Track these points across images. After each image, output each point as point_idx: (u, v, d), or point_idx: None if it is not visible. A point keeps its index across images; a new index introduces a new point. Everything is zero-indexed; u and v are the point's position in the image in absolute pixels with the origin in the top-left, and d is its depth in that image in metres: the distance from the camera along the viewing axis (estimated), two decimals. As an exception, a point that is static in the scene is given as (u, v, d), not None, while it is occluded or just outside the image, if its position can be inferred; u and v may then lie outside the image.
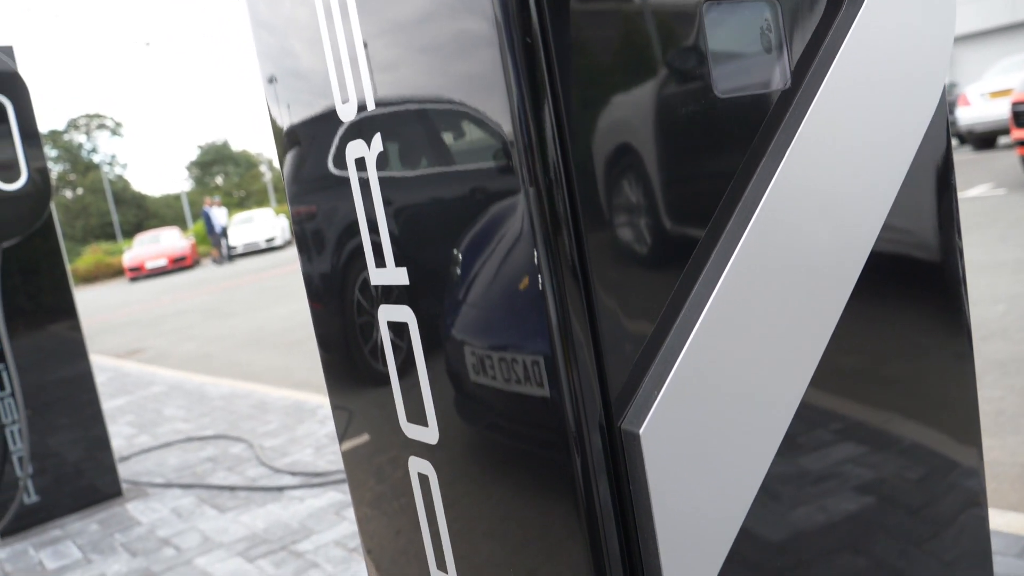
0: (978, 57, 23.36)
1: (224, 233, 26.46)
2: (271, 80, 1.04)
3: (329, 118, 0.93)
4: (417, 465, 0.94)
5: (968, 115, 14.05)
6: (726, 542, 0.69)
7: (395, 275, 0.90)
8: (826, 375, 0.81)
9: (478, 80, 0.69)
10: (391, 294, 0.92)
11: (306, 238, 1.08)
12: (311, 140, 0.99)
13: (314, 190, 1.01)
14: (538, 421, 0.72)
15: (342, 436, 1.17)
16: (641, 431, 0.63)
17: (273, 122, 1.09)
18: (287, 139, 1.05)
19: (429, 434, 0.91)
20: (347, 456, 1.15)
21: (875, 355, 0.89)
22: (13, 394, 3.66)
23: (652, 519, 0.63)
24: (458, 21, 0.69)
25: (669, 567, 0.64)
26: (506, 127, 0.66)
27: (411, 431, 0.94)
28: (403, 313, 0.90)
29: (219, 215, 26.59)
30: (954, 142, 17.42)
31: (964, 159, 13.80)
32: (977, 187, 10.03)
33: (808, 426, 0.80)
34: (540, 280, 0.67)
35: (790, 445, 0.77)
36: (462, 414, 0.85)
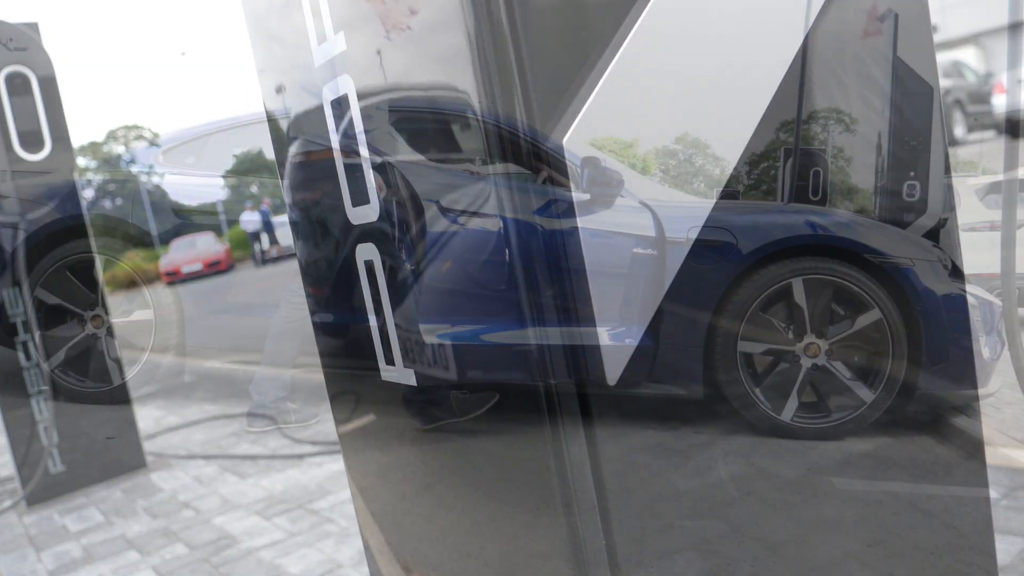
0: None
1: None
2: (278, 90, 1.07)
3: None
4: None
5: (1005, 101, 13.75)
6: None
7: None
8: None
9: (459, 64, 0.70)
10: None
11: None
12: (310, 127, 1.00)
13: (319, 178, 1.02)
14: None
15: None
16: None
17: (271, 120, 1.12)
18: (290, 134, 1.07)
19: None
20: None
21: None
22: (38, 364, 3.70)
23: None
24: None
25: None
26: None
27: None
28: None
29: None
30: (991, 133, 17.00)
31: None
32: None
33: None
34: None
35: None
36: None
